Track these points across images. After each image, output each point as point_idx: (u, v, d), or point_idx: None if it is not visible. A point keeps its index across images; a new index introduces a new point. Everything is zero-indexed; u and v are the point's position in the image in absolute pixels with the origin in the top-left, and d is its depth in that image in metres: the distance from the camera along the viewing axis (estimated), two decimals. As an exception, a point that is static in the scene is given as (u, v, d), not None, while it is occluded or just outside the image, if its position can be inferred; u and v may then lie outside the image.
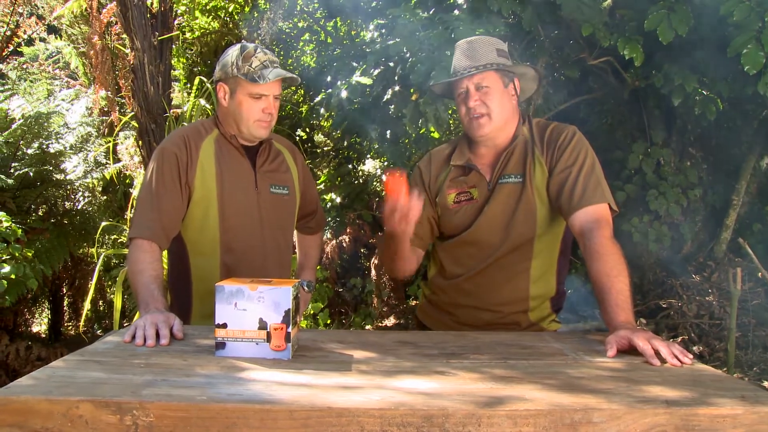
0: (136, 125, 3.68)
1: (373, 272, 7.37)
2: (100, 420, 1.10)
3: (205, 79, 3.74)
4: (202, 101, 3.65)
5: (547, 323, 2.10)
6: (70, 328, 5.97)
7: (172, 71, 3.80)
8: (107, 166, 5.26)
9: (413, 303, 6.98)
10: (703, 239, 5.03)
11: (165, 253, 2.11)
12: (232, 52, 2.06)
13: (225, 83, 2.05)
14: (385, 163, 5.05)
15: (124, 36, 4.23)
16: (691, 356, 1.51)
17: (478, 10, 3.79)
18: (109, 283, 5.33)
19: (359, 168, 7.10)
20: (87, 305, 3.56)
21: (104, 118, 5.22)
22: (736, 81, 4.11)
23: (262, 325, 1.43)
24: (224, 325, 1.44)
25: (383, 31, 6.19)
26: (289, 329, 1.44)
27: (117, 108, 4.17)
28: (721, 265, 4.81)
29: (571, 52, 4.43)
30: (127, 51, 3.78)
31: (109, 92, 4.24)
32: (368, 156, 7.03)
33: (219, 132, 2.12)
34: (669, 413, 1.15)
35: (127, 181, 5.81)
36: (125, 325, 5.19)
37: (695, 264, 4.89)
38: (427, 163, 2.17)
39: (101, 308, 5.61)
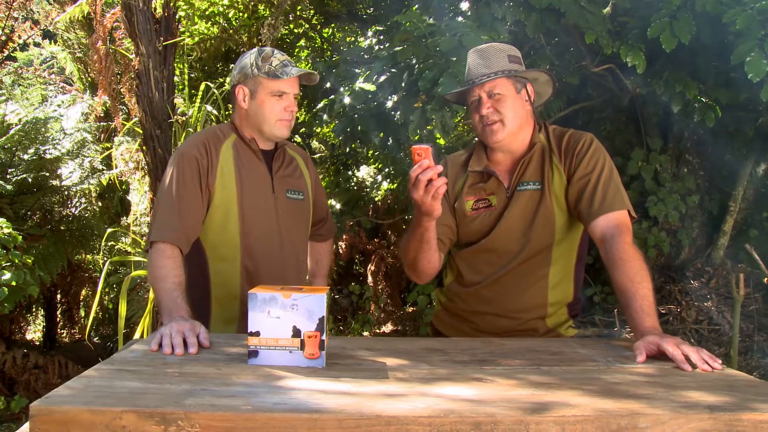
0: (140, 131, 3.64)
1: (370, 279, 7.36)
2: (143, 431, 1.08)
3: (211, 84, 3.72)
4: (209, 107, 3.62)
5: (564, 329, 2.10)
6: (64, 335, 5.90)
7: (175, 77, 3.78)
8: (104, 172, 5.22)
9: (410, 310, 6.98)
10: (701, 245, 5.07)
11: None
12: (250, 55, 2.07)
13: (245, 85, 2.05)
14: (386, 170, 5.05)
15: (125, 41, 4.21)
16: (720, 361, 1.52)
17: (483, 16, 3.80)
18: (107, 290, 5.27)
19: (354, 174, 7.09)
20: (93, 312, 3.51)
21: (101, 123, 5.18)
22: (730, 88, 4.15)
23: (296, 333, 1.42)
24: (257, 333, 1.42)
25: (381, 37, 6.21)
26: (323, 337, 1.42)
27: (120, 113, 4.12)
28: (719, 270, 4.85)
29: (572, 59, 4.46)
30: (131, 56, 3.74)
31: (108, 98, 4.19)
32: (363, 163, 7.03)
33: (237, 136, 2.11)
34: (713, 418, 1.15)
35: (124, 187, 5.77)
36: (124, 332, 5.12)
37: (693, 270, 4.92)
38: (444, 168, 2.15)
39: (98, 315, 5.53)
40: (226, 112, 3.71)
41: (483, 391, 1.27)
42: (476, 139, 2.15)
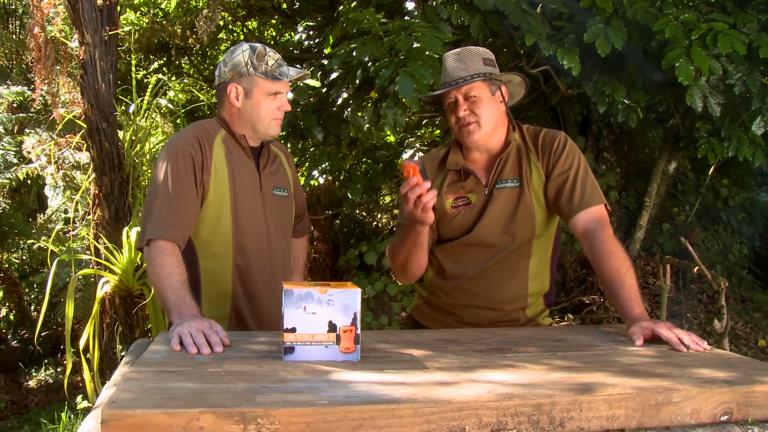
0: (84, 125, 3.43)
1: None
2: (222, 431, 1.07)
3: (163, 77, 3.58)
4: (162, 101, 3.48)
5: (541, 318, 2.20)
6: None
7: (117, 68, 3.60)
8: (21, 166, 4.90)
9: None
10: (619, 238, 5.40)
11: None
12: (243, 53, 2.03)
13: (238, 83, 2.02)
14: (321, 166, 5.06)
15: (55, 27, 3.97)
16: (706, 342, 1.68)
17: (428, 16, 3.90)
18: (27, 290, 4.94)
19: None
20: (42, 313, 3.27)
21: (19, 114, 4.85)
22: (648, 90, 4.48)
23: (332, 328, 1.44)
24: (293, 329, 1.43)
25: (311, 32, 6.19)
26: (358, 331, 1.45)
27: (59, 105, 3.87)
28: (637, 262, 5.22)
29: (505, 60, 4.65)
30: (73, 45, 3.53)
31: (37, 87, 3.93)
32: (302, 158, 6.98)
33: (225, 132, 2.08)
34: (731, 392, 1.29)
35: (40, 181, 5.42)
36: (43, 334, 4.83)
37: (613, 261, 5.27)
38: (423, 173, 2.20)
39: (12, 317, 5.17)
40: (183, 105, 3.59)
41: (524, 375, 1.35)
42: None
